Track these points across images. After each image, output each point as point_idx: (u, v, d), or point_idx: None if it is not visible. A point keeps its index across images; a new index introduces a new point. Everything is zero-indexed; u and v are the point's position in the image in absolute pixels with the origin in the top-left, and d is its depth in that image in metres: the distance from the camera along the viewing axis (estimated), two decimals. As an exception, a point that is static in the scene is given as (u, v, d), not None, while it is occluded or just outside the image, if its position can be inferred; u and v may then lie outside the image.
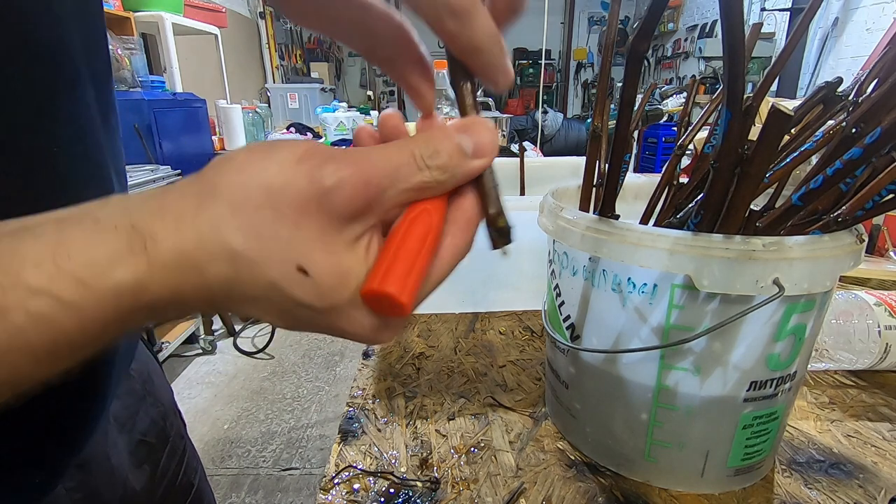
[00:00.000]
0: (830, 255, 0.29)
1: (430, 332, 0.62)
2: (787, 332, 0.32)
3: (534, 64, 5.99)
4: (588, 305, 0.37)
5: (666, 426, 0.35)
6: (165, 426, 0.48)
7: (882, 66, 0.31)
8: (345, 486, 0.38)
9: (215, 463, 1.61)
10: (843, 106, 0.36)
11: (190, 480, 0.51)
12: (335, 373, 2.16)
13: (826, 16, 3.09)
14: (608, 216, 0.35)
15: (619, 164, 0.35)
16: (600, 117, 0.40)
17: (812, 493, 0.37)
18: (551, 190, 0.44)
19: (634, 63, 0.29)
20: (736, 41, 0.24)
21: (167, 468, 0.47)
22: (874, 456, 0.40)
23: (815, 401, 0.48)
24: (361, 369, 0.54)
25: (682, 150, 0.44)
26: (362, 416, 0.46)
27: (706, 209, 0.31)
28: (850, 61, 2.96)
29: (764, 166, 0.29)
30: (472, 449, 0.42)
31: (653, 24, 0.27)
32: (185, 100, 2.28)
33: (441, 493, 0.37)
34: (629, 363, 0.36)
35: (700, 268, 0.29)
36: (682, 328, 0.32)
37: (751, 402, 0.34)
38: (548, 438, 0.43)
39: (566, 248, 0.38)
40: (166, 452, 0.47)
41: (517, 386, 0.51)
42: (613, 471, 0.39)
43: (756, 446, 0.35)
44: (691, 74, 4.62)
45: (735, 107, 0.27)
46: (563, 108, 6.08)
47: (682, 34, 4.94)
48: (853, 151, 0.28)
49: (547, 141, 4.24)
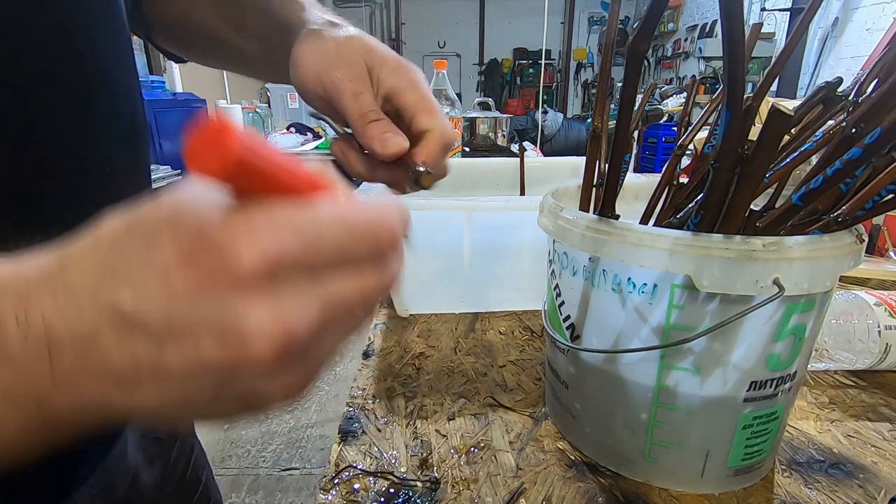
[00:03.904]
0: (830, 255, 0.29)
1: (430, 332, 0.62)
2: (787, 332, 0.32)
3: (534, 64, 6.00)
4: (588, 305, 0.37)
5: (666, 426, 0.35)
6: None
7: (882, 66, 0.31)
8: (345, 486, 0.38)
9: (215, 463, 1.61)
10: (843, 106, 0.36)
11: (198, 477, 0.51)
12: (335, 373, 2.16)
13: (826, 16, 3.09)
14: (608, 216, 0.35)
15: (619, 164, 0.35)
16: (600, 117, 0.40)
17: (812, 493, 0.37)
18: (551, 190, 0.44)
19: (634, 63, 0.29)
20: (736, 42, 0.24)
21: (177, 464, 0.47)
22: (874, 456, 0.40)
23: (815, 401, 0.48)
24: (361, 369, 0.54)
25: (682, 150, 0.44)
26: (362, 416, 0.46)
27: (706, 209, 0.31)
28: (850, 61, 2.96)
29: (764, 166, 0.29)
30: (472, 449, 0.42)
31: (653, 24, 0.27)
32: (185, 100, 2.28)
33: (441, 493, 0.37)
34: (629, 363, 0.36)
35: (700, 268, 0.29)
36: (682, 328, 0.32)
37: (751, 402, 0.34)
38: (548, 438, 0.43)
39: (566, 248, 0.38)
40: (176, 448, 0.47)
41: (517, 386, 0.51)
42: (613, 471, 0.39)
43: (756, 446, 0.35)
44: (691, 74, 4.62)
45: (735, 107, 0.27)
46: (563, 108, 6.09)
47: (682, 34, 4.95)
48: (853, 151, 0.28)
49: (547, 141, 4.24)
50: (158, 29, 0.43)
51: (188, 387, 0.16)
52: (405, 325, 0.64)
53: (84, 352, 0.16)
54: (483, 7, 5.89)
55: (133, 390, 0.16)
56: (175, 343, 0.15)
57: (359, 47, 0.35)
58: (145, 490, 0.41)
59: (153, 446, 0.44)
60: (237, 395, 0.17)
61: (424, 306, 0.67)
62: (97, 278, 0.16)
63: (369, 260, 0.18)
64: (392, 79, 0.35)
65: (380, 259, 0.19)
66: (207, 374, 0.16)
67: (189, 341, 0.15)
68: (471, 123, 1.64)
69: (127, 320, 0.15)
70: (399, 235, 0.19)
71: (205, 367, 0.16)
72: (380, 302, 0.20)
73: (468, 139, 1.65)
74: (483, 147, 1.66)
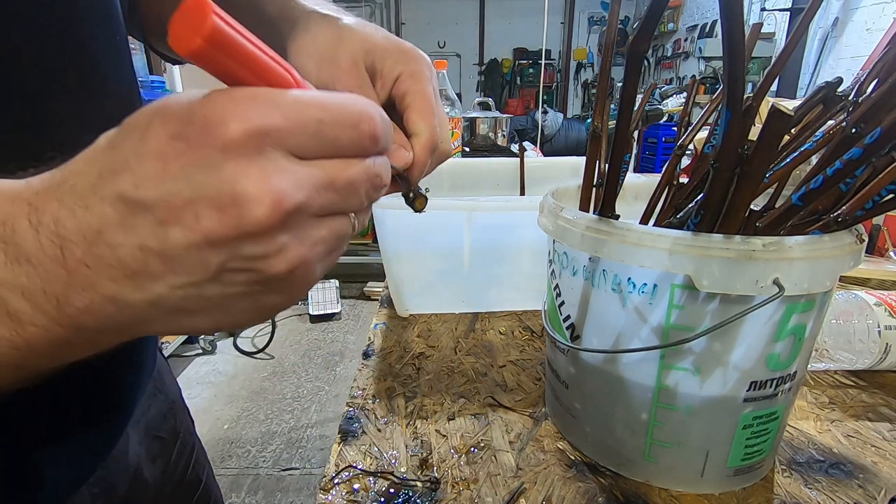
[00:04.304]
0: (830, 255, 0.29)
1: (430, 332, 0.62)
2: (787, 333, 0.32)
3: (534, 64, 5.99)
4: (588, 305, 0.37)
5: (666, 426, 0.35)
6: (175, 422, 0.48)
7: (882, 66, 0.31)
8: (345, 486, 0.38)
9: (215, 463, 1.61)
10: (843, 106, 0.36)
11: (198, 476, 0.51)
12: (335, 373, 2.16)
13: (826, 16, 3.09)
14: (608, 216, 0.35)
15: (619, 164, 0.35)
16: (600, 117, 0.40)
17: (812, 493, 0.37)
18: (551, 190, 0.44)
19: (634, 63, 0.29)
20: (736, 41, 0.24)
21: (177, 463, 0.47)
22: (874, 456, 0.40)
23: (815, 401, 0.48)
24: (361, 369, 0.54)
25: (682, 150, 0.44)
26: (362, 416, 0.46)
27: (706, 209, 0.31)
28: (850, 61, 2.96)
29: (764, 166, 0.29)
30: (472, 449, 0.42)
31: (653, 24, 0.27)
32: (185, 100, 2.28)
33: (441, 493, 0.37)
34: (629, 363, 0.36)
35: (700, 268, 0.29)
36: (682, 328, 0.32)
37: (751, 402, 0.34)
38: (548, 438, 0.43)
39: (566, 248, 0.38)
40: (176, 447, 0.48)
41: (517, 386, 0.51)
42: (613, 471, 0.39)
43: (756, 446, 0.35)
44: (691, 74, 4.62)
45: (735, 107, 0.27)
46: (563, 108, 6.08)
47: (682, 34, 4.94)
48: (853, 151, 0.28)
49: (547, 141, 4.24)
50: (154, 31, 0.43)
51: (194, 267, 0.17)
52: (405, 325, 0.64)
53: (93, 242, 0.16)
54: (483, 7, 5.89)
55: (144, 283, 0.17)
56: (176, 220, 0.16)
57: (355, 41, 0.32)
58: (146, 489, 0.41)
59: (154, 445, 0.44)
60: (241, 270, 0.18)
61: (424, 306, 0.67)
62: (98, 177, 0.17)
63: (351, 146, 0.19)
64: (395, 69, 0.32)
65: (361, 147, 0.19)
66: (211, 248, 0.17)
67: (189, 215, 0.16)
68: (471, 123, 1.64)
69: (129, 204, 0.16)
70: (378, 127, 0.20)
71: (207, 240, 0.16)
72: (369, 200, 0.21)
73: (468, 139, 1.65)
74: (483, 147, 1.66)
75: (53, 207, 0.17)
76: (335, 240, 0.20)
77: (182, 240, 0.16)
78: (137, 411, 0.42)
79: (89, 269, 0.17)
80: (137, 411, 0.42)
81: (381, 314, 0.67)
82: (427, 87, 0.32)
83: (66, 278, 0.17)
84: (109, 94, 0.32)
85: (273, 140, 0.17)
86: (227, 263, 0.17)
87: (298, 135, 0.17)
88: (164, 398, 0.47)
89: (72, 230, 0.16)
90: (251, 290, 0.19)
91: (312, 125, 0.18)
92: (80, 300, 0.17)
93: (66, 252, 0.16)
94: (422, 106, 0.31)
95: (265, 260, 0.18)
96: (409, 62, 0.32)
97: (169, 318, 0.18)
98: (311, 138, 0.18)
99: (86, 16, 0.30)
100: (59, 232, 0.16)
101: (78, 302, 0.17)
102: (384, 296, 0.72)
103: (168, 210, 0.16)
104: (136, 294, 0.17)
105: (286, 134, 0.17)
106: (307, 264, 0.19)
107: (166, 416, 0.47)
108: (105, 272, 0.17)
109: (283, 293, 0.19)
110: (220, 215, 0.16)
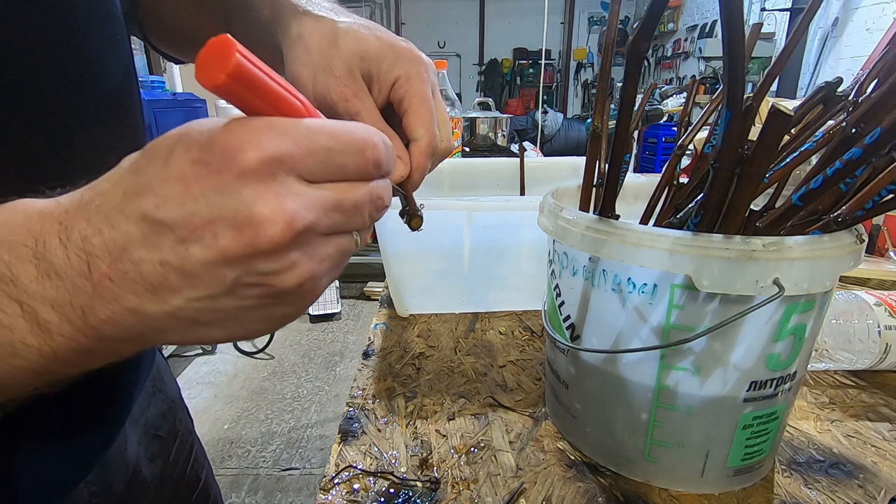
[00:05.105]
0: (830, 255, 0.29)
1: (430, 332, 0.62)
2: (787, 333, 0.32)
3: (534, 64, 5.99)
4: (588, 305, 0.37)
5: (666, 426, 0.35)
6: (175, 421, 0.48)
7: (882, 66, 0.31)
8: (345, 486, 0.38)
9: (215, 463, 1.61)
10: (843, 106, 0.36)
11: (198, 475, 0.51)
12: (335, 373, 2.16)
13: (826, 16, 3.09)
14: (608, 216, 0.35)
15: (619, 164, 0.35)
16: (600, 117, 0.40)
17: (812, 493, 0.37)
18: (551, 190, 0.44)
19: (634, 63, 0.29)
20: (736, 42, 0.24)
21: (176, 462, 0.47)
22: (874, 456, 0.40)
23: (815, 401, 0.48)
24: (361, 369, 0.54)
25: (682, 150, 0.44)
26: (362, 416, 0.46)
27: (706, 209, 0.31)
28: (850, 61, 2.95)
29: (764, 166, 0.29)
30: (472, 449, 0.42)
31: (653, 24, 0.27)
32: (186, 100, 2.28)
33: (441, 493, 0.37)
34: (629, 363, 0.36)
35: (700, 268, 0.29)
36: (682, 328, 0.32)
37: (751, 402, 0.34)
38: (548, 438, 0.43)
39: (566, 248, 0.38)
40: (175, 446, 0.47)
41: (517, 386, 0.51)
42: (613, 471, 0.39)
43: (756, 446, 0.35)
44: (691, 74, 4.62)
45: (735, 107, 0.27)
46: (563, 108, 6.08)
47: (682, 34, 4.94)
48: (853, 151, 0.28)
49: (547, 141, 4.23)
50: (154, 30, 0.43)
51: (211, 282, 0.18)
52: (405, 325, 0.64)
53: (117, 258, 0.18)
54: (483, 7, 5.89)
55: (163, 296, 0.18)
56: (196, 238, 0.18)
57: (349, 47, 0.31)
58: (144, 488, 0.41)
59: (153, 444, 0.44)
60: (255, 285, 0.19)
61: (424, 306, 0.67)
62: (123, 198, 0.18)
63: (356, 171, 0.21)
64: (391, 74, 0.31)
65: (366, 171, 0.21)
66: (227, 265, 0.18)
67: (208, 234, 0.18)
68: (471, 123, 1.64)
69: (152, 223, 0.17)
70: (381, 154, 0.21)
71: (224, 257, 0.18)
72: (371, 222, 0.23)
73: (468, 139, 1.65)
74: (483, 147, 1.66)
75: (81, 225, 0.18)
76: (340, 256, 0.21)
77: (201, 257, 0.18)
78: (136, 410, 0.42)
79: (113, 283, 0.18)
80: (136, 410, 0.42)
81: (381, 314, 0.67)
82: (424, 89, 0.31)
83: (92, 291, 0.18)
84: (108, 93, 0.32)
85: (286, 166, 0.18)
86: (242, 279, 0.18)
87: (309, 161, 0.19)
88: (163, 397, 0.47)
89: (98, 246, 0.18)
90: (263, 303, 0.20)
91: (322, 152, 0.19)
92: (103, 311, 0.18)
93: (92, 267, 0.18)
94: (419, 110, 0.31)
95: (277, 275, 0.19)
96: (405, 65, 0.31)
97: (185, 329, 0.19)
98: (320, 164, 0.19)
99: (85, 15, 0.30)
100: (86, 248, 0.18)
101: (102, 313, 0.18)
102: (384, 296, 0.72)
103: (188, 229, 0.17)
104: (156, 306, 0.18)
105: (298, 160, 0.19)
106: (315, 279, 0.20)
107: (165, 415, 0.47)
108: (128, 286, 0.18)
109: (293, 305, 0.21)
110: (237, 234, 0.18)
